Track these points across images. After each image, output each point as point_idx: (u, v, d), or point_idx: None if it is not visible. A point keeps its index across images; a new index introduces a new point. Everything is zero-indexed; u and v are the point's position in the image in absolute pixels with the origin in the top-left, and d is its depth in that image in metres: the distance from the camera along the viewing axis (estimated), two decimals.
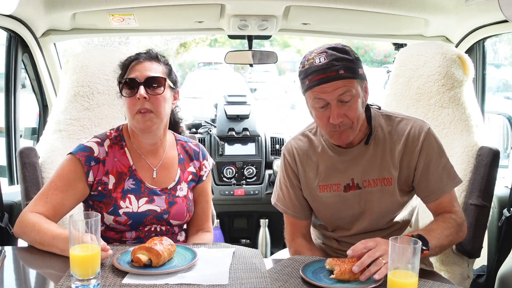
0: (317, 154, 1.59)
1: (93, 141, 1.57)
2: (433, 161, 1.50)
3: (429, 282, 1.30)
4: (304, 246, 1.61)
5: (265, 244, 3.01)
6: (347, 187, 1.54)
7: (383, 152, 1.53)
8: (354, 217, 1.56)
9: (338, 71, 1.39)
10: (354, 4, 2.33)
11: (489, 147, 1.77)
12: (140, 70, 1.54)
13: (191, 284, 1.19)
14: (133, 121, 1.54)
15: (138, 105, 1.51)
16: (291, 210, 1.63)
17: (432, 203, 1.53)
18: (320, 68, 1.40)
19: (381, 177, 1.52)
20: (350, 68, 1.41)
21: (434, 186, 1.50)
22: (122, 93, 1.55)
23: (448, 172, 1.52)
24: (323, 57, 1.41)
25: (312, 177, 1.59)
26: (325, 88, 1.40)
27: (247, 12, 2.40)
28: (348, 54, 1.43)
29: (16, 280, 1.33)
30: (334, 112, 1.41)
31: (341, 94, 1.40)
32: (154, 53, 1.61)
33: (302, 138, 1.65)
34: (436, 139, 1.53)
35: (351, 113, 1.43)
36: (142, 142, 1.60)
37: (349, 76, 1.41)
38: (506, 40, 5.12)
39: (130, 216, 1.53)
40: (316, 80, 1.41)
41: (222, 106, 3.08)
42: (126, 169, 1.57)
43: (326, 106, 1.43)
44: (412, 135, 1.52)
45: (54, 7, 2.29)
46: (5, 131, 2.38)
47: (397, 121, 1.56)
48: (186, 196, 1.63)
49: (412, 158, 1.51)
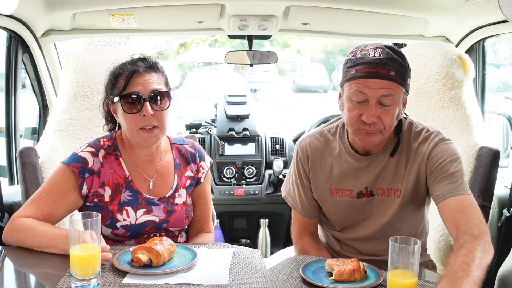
0: (333, 156, 1.55)
1: (87, 151, 1.51)
2: (443, 166, 1.40)
3: (429, 282, 1.30)
4: (311, 245, 1.59)
5: (265, 244, 3.01)
6: (360, 194, 1.51)
7: (398, 163, 1.49)
8: (363, 221, 1.54)
9: (389, 71, 1.34)
10: (354, 4, 2.33)
11: (489, 147, 1.76)
12: (143, 84, 1.46)
13: (191, 284, 1.19)
14: (136, 137, 1.48)
15: (143, 122, 1.45)
16: (299, 208, 1.61)
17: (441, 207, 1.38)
18: (373, 61, 1.35)
19: (393, 187, 1.49)
20: (401, 74, 1.37)
21: (444, 187, 1.38)
22: (123, 109, 1.45)
23: (460, 178, 1.39)
24: (379, 52, 1.36)
25: (324, 179, 1.55)
26: (371, 84, 1.35)
27: (247, 12, 2.40)
28: (403, 60, 1.39)
29: (16, 280, 1.33)
30: (371, 111, 1.35)
31: (384, 95, 1.35)
32: (152, 62, 1.51)
33: (319, 137, 1.59)
34: (449, 147, 1.44)
35: (386, 118, 1.37)
36: (139, 153, 1.56)
37: (398, 81, 1.36)
38: (506, 40, 5.11)
39: (128, 228, 1.51)
40: (365, 72, 1.35)
41: (222, 106, 3.08)
42: (122, 180, 1.53)
43: (364, 102, 1.37)
44: (421, 147, 1.46)
45: (54, 7, 2.29)
46: (5, 131, 2.38)
47: (416, 131, 1.49)
48: (185, 203, 1.60)
49: (421, 169, 1.45)
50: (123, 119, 1.49)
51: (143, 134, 1.47)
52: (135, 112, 1.45)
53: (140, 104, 1.45)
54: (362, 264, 1.30)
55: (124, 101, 1.46)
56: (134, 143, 1.53)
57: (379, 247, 1.51)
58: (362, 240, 1.55)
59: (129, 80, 1.46)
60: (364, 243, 1.56)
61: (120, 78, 1.49)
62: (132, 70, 1.47)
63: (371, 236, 1.53)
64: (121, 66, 1.51)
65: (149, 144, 1.51)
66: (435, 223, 1.78)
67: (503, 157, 2.49)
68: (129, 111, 1.45)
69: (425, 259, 1.64)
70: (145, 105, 1.45)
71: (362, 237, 1.55)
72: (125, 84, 1.47)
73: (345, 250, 1.61)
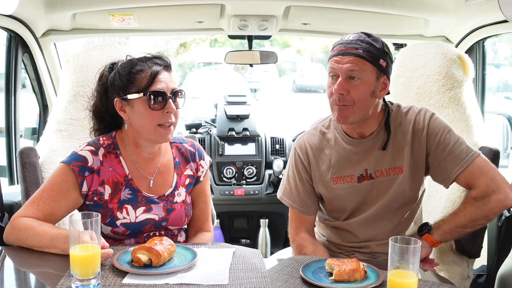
0: (330, 147, 1.63)
1: (87, 150, 1.52)
2: (443, 141, 1.54)
3: (429, 282, 1.30)
4: (308, 240, 1.63)
5: (265, 244, 3.01)
6: (361, 177, 1.59)
7: (393, 142, 1.57)
8: (364, 205, 1.60)
9: (357, 49, 1.48)
10: (354, 4, 2.33)
11: (489, 147, 1.76)
12: (166, 82, 1.49)
13: (191, 284, 1.19)
14: (153, 134, 1.49)
15: (164, 119, 1.47)
16: (297, 204, 1.66)
17: (455, 181, 1.55)
18: (344, 42, 1.51)
19: (393, 166, 1.57)
20: (370, 53, 1.48)
21: (450, 165, 1.53)
22: (148, 105, 1.46)
23: (461, 148, 1.53)
24: (353, 35, 1.52)
25: (325, 170, 1.62)
26: (339, 60, 1.50)
27: (247, 12, 2.40)
28: (377, 42, 1.51)
29: (16, 280, 1.33)
30: (338, 83, 1.49)
31: (350, 70, 1.48)
32: (167, 61, 1.54)
33: (314, 132, 1.68)
34: (441, 121, 1.57)
35: (354, 92, 1.49)
36: (143, 151, 1.57)
37: (366, 58, 1.48)
38: (506, 40, 5.12)
39: (128, 226, 1.51)
40: (336, 51, 1.52)
41: (222, 106, 3.08)
42: (122, 178, 1.54)
43: (337, 78, 1.50)
44: (418, 122, 1.57)
45: (54, 7, 2.29)
46: (5, 131, 2.38)
47: (405, 111, 1.61)
48: (184, 201, 1.61)
49: (421, 145, 1.56)
50: (141, 116, 1.49)
51: (160, 131, 1.49)
52: (159, 109, 1.47)
53: (164, 101, 1.47)
54: (362, 264, 1.30)
55: (150, 97, 1.46)
56: (149, 139, 1.53)
57: (379, 230, 1.61)
58: (364, 224, 1.61)
59: (155, 77, 1.48)
60: (366, 227, 1.62)
61: (141, 74, 1.48)
62: (154, 68, 1.49)
63: (374, 217, 1.59)
64: (138, 63, 1.50)
65: (165, 140, 1.53)
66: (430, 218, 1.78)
67: (503, 157, 2.49)
68: (155, 108, 1.47)
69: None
70: (169, 102, 1.48)
71: (364, 221, 1.60)
72: (150, 81, 1.47)
73: (345, 240, 1.65)
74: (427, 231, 1.53)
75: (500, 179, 1.51)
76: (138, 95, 1.48)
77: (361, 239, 1.63)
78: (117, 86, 1.51)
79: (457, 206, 1.63)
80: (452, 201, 1.74)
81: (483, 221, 1.52)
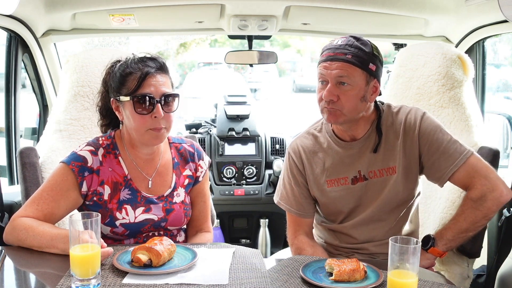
0: (323, 150, 1.63)
1: (86, 150, 1.52)
2: (435, 140, 1.53)
3: (429, 282, 1.30)
4: (306, 243, 1.63)
5: (265, 244, 3.02)
6: (355, 179, 1.59)
7: (385, 143, 1.57)
8: (359, 207, 1.60)
9: (346, 55, 1.48)
10: (354, 4, 2.33)
11: (489, 147, 1.76)
12: (155, 86, 1.45)
13: (191, 284, 1.19)
14: (144, 137, 1.48)
15: (153, 124, 1.46)
16: (294, 208, 1.65)
17: (451, 182, 1.55)
18: (333, 47, 1.50)
19: (386, 167, 1.57)
20: (359, 57, 1.47)
21: (444, 163, 1.53)
22: (134, 109, 1.44)
23: (455, 146, 1.53)
24: (342, 40, 1.51)
25: (319, 173, 1.62)
26: (328, 66, 1.49)
27: (247, 12, 2.40)
28: (365, 46, 1.49)
29: (16, 280, 1.33)
30: (328, 89, 1.49)
31: (339, 76, 1.47)
32: (162, 63, 1.51)
33: (307, 136, 1.68)
34: (432, 120, 1.57)
35: (344, 97, 1.48)
36: (139, 152, 1.56)
37: (355, 63, 1.47)
38: (506, 40, 5.11)
39: (127, 226, 1.51)
40: (325, 56, 1.51)
41: (222, 106, 3.08)
42: (121, 179, 1.53)
43: (326, 84, 1.50)
44: (409, 121, 1.57)
45: (54, 7, 2.29)
46: (5, 131, 2.38)
47: (395, 111, 1.61)
48: (183, 202, 1.61)
49: (413, 145, 1.56)
50: (131, 119, 1.48)
51: (152, 133, 1.47)
52: (146, 113, 1.45)
53: (151, 106, 1.45)
54: (362, 264, 1.30)
55: (136, 101, 1.45)
56: (140, 142, 1.52)
57: (376, 231, 1.60)
58: (361, 226, 1.61)
59: (142, 80, 1.45)
60: (362, 229, 1.61)
61: (131, 77, 1.47)
62: (144, 71, 1.46)
63: (369, 219, 1.59)
64: (130, 65, 1.49)
65: (156, 143, 1.52)
66: (434, 223, 1.79)
67: (503, 157, 2.49)
68: (141, 112, 1.45)
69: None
70: (157, 107, 1.45)
71: (360, 223, 1.60)
72: (137, 84, 1.45)
73: (343, 241, 1.65)
74: (432, 244, 1.52)
75: (493, 176, 1.52)
76: (127, 98, 1.47)
77: (359, 240, 1.63)
78: (112, 86, 1.52)
79: (456, 205, 1.64)
80: (452, 201, 1.74)
81: (483, 221, 1.52)
